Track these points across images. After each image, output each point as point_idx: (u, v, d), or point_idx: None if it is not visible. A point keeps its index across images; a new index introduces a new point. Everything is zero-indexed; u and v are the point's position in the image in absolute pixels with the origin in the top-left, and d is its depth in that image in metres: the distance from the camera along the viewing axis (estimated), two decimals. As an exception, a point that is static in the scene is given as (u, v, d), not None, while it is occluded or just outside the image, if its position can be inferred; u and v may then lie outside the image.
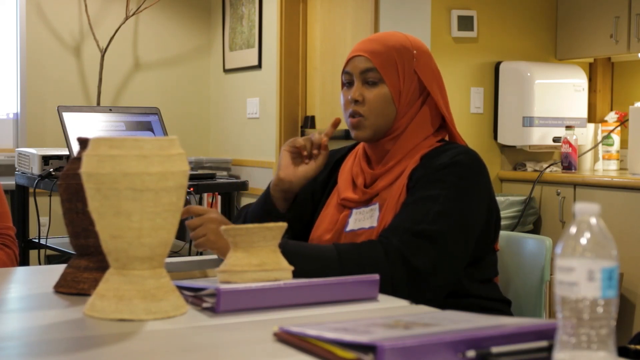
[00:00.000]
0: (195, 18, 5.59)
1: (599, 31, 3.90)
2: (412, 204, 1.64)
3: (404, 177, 1.72)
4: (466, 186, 1.66)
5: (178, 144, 1.28)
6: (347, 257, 1.58)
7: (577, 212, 0.88)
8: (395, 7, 4.08)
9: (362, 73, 1.75)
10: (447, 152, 1.69)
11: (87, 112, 3.15)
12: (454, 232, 1.62)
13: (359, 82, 1.75)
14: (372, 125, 1.75)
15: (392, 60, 1.73)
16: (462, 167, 1.67)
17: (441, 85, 1.79)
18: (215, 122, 5.63)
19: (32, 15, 5.06)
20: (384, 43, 1.75)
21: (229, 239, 1.43)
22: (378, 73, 1.73)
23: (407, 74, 1.74)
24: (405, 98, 1.74)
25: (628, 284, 3.35)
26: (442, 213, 1.61)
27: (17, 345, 1.14)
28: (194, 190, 3.49)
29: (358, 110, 1.75)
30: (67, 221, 1.47)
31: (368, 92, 1.74)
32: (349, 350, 0.99)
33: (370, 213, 1.72)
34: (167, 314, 1.25)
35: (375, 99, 1.74)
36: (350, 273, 1.50)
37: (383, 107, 1.74)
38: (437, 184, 1.64)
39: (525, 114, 3.87)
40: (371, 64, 1.73)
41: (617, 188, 3.40)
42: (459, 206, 1.63)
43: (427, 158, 1.71)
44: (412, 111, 1.76)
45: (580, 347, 0.86)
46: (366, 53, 1.74)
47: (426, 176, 1.66)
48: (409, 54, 1.75)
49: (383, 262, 1.56)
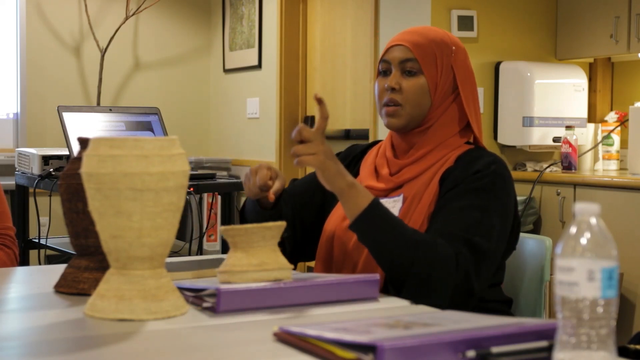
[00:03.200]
0: (195, 18, 5.59)
1: (599, 31, 3.90)
2: (463, 211, 1.63)
3: (433, 172, 1.72)
4: (505, 198, 1.68)
5: (178, 144, 1.28)
6: (422, 247, 1.57)
7: (577, 212, 0.88)
8: (395, 7, 4.08)
9: (401, 62, 1.76)
10: (483, 159, 1.70)
11: (87, 112, 3.15)
12: (498, 249, 1.66)
13: (397, 71, 1.76)
14: (407, 115, 1.75)
15: (432, 53, 1.75)
16: (500, 177, 1.68)
17: (473, 87, 1.80)
18: (215, 122, 5.63)
19: (32, 15, 5.06)
20: (425, 35, 1.76)
21: (229, 239, 1.43)
22: (417, 63, 1.74)
23: (445, 68, 1.75)
24: (441, 91, 1.75)
25: (628, 284, 3.35)
26: (491, 227, 1.63)
27: (17, 345, 1.14)
28: (194, 190, 3.49)
29: (394, 98, 1.75)
30: (67, 221, 1.47)
31: (406, 81, 1.75)
32: (349, 350, 0.99)
33: (393, 204, 1.73)
34: (167, 313, 1.25)
35: (413, 89, 1.75)
36: (420, 263, 1.53)
37: (419, 97, 1.75)
38: (482, 193, 1.65)
39: (525, 114, 3.87)
40: (411, 54, 1.74)
41: (617, 188, 3.40)
42: (501, 220, 1.66)
43: (463, 161, 1.71)
44: (444, 106, 1.77)
45: (580, 347, 0.86)
46: (407, 43, 1.76)
47: (466, 182, 1.67)
48: (448, 49, 1.76)
49: (454, 270, 1.56)
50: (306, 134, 1.58)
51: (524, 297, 1.89)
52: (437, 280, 1.54)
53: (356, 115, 4.56)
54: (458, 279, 1.55)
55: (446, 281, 1.54)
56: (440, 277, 1.54)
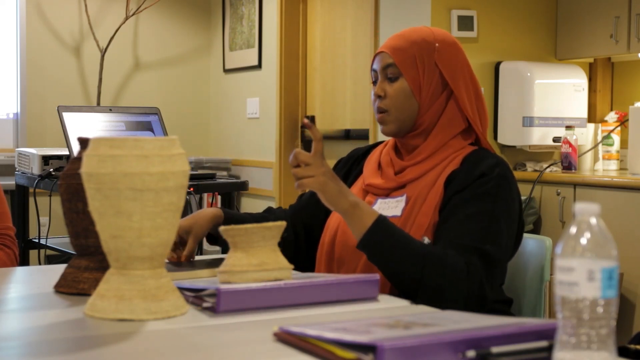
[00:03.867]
0: (195, 18, 5.59)
1: (599, 31, 3.90)
2: (471, 219, 1.63)
3: (437, 173, 1.72)
4: (510, 201, 1.68)
5: (178, 144, 1.28)
6: (431, 260, 1.57)
7: (577, 212, 0.88)
8: (395, 7, 4.08)
9: (383, 69, 1.78)
10: (487, 161, 1.70)
11: (87, 112, 3.15)
12: (508, 253, 1.68)
13: (382, 78, 1.78)
14: (395, 120, 1.76)
15: (411, 55, 1.75)
16: (505, 180, 1.68)
17: (468, 82, 1.78)
18: (215, 122, 5.63)
19: (32, 15, 5.06)
20: (406, 38, 1.77)
21: (229, 239, 1.43)
22: (396, 68, 1.75)
23: (427, 67, 1.75)
24: (427, 92, 1.75)
25: (628, 284, 3.35)
26: (500, 232, 1.63)
27: (17, 345, 1.14)
28: (194, 190, 3.48)
29: (381, 106, 1.77)
30: (67, 221, 1.47)
31: (389, 87, 1.77)
32: (349, 350, 0.99)
33: (395, 204, 1.73)
34: (167, 313, 1.25)
35: (395, 93, 1.76)
36: (430, 276, 1.54)
37: (403, 101, 1.75)
38: (489, 198, 1.65)
39: (525, 114, 3.87)
40: (391, 60, 1.76)
41: (617, 188, 3.40)
42: (508, 223, 1.66)
43: (468, 163, 1.71)
44: (437, 107, 1.76)
45: (580, 347, 0.86)
46: (387, 49, 1.78)
47: (472, 187, 1.66)
48: (429, 47, 1.76)
49: (465, 280, 1.56)
50: (302, 157, 1.59)
51: (524, 297, 1.89)
52: (448, 290, 1.55)
53: (356, 115, 4.56)
54: (470, 288, 1.56)
55: (458, 291, 1.55)
56: (451, 288, 1.55)
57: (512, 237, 1.69)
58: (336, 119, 4.72)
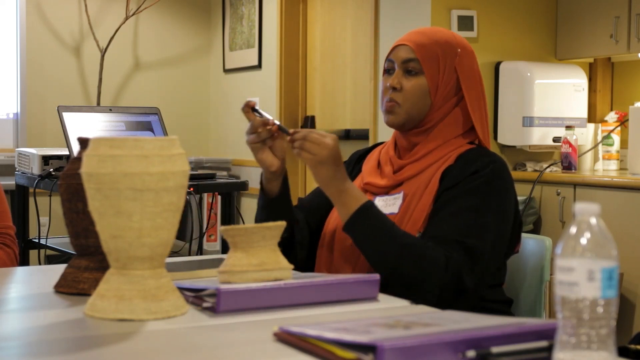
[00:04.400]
0: (195, 18, 5.59)
1: (599, 31, 3.90)
2: (457, 214, 1.65)
3: (433, 171, 1.73)
4: (502, 198, 1.69)
5: (178, 144, 1.28)
6: (409, 250, 1.60)
7: (577, 212, 0.88)
8: (395, 7, 4.08)
9: (403, 62, 1.77)
10: (483, 158, 1.71)
11: (87, 112, 3.15)
12: (495, 248, 1.67)
13: (399, 71, 1.78)
14: (405, 113, 1.77)
15: (435, 54, 1.75)
16: (498, 177, 1.69)
17: (480, 93, 1.80)
18: (215, 122, 5.63)
19: (32, 15, 5.06)
20: (430, 36, 1.77)
21: (229, 239, 1.43)
22: (419, 64, 1.75)
23: (448, 69, 1.76)
24: (442, 93, 1.76)
25: (628, 284, 3.35)
26: (486, 227, 1.64)
27: (17, 345, 1.14)
28: (194, 190, 3.48)
29: (394, 98, 1.77)
30: (67, 221, 1.47)
31: (407, 81, 1.76)
32: (349, 350, 0.99)
33: (393, 201, 1.75)
34: (167, 313, 1.25)
35: (412, 89, 1.76)
36: (406, 266, 1.57)
37: (419, 97, 1.76)
38: (478, 193, 1.66)
39: (525, 114, 3.87)
40: (413, 55, 1.76)
41: (617, 188, 3.40)
42: (498, 219, 1.67)
43: (462, 160, 1.72)
44: (446, 108, 1.77)
45: (580, 347, 0.86)
46: (411, 43, 1.77)
47: (463, 182, 1.68)
48: (452, 51, 1.77)
49: (442, 271, 1.58)
50: (316, 135, 1.63)
51: (524, 297, 1.90)
52: (423, 281, 1.57)
53: (356, 115, 4.56)
54: (446, 281, 1.58)
55: (431, 283, 1.57)
56: (426, 279, 1.57)
57: (503, 231, 1.69)
58: (336, 119, 4.72)
